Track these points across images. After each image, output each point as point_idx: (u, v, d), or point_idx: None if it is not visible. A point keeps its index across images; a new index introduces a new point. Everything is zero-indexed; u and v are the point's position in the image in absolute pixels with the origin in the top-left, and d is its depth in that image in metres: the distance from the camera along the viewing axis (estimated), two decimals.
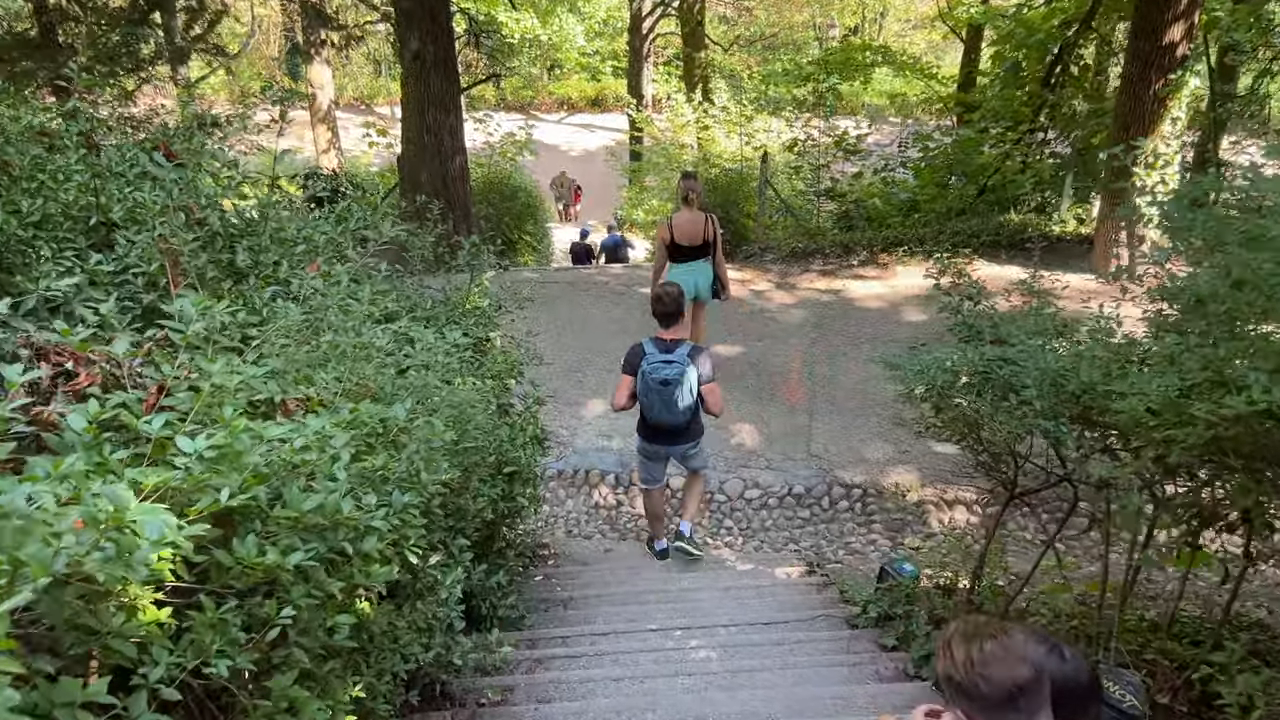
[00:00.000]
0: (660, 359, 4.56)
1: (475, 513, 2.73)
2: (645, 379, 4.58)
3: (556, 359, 6.96)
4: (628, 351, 4.74)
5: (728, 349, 7.01)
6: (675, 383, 4.54)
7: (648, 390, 4.59)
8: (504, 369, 3.68)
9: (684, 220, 6.27)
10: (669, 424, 4.70)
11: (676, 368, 4.54)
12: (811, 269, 8.64)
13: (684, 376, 4.54)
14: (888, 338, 6.96)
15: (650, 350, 4.61)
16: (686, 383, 4.56)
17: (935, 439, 3.07)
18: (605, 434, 6.06)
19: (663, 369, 4.55)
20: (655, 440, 4.86)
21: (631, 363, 4.68)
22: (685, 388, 4.56)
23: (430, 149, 8.68)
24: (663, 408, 4.63)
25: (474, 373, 3.41)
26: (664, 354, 4.56)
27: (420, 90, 8.47)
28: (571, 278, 8.77)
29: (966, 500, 5.26)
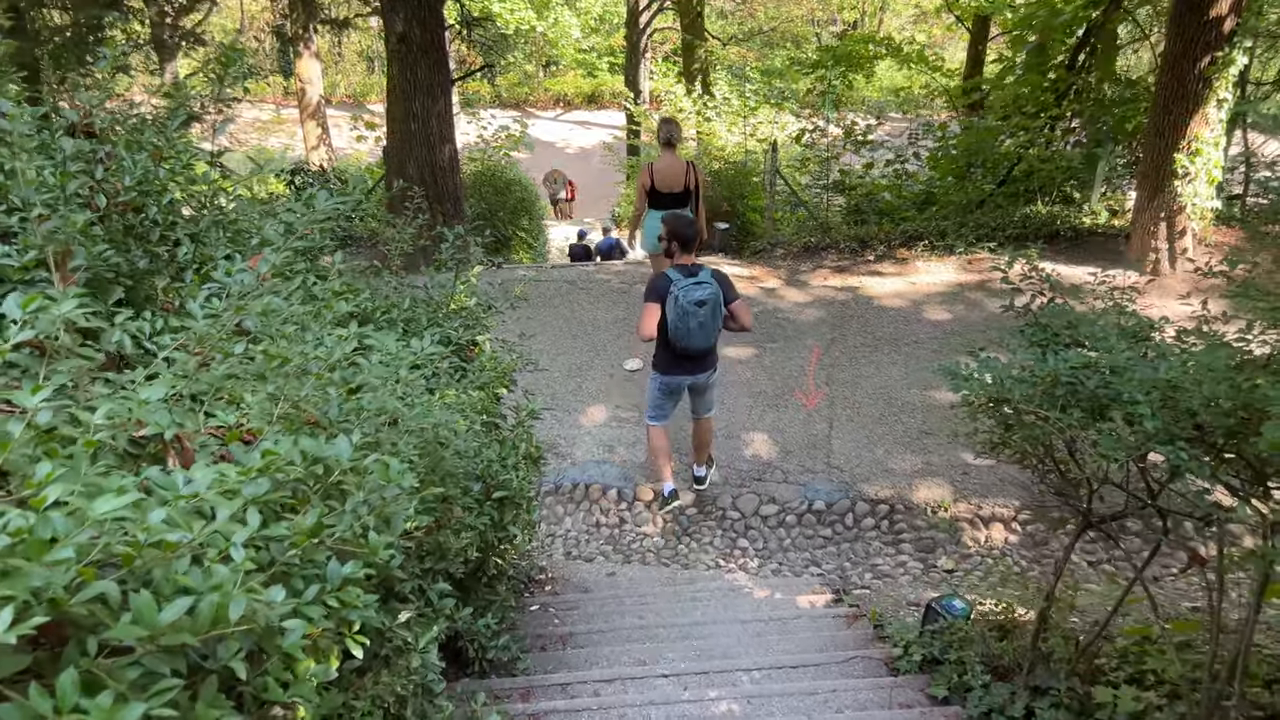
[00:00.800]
0: (690, 282, 4.67)
1: (458, 550, 2.34)
2: (679, 304, 4.67)
3: (554, 363, 6.58)
4: (651, 281, 4.86)
5: (737, 351, 6.62)
6: (711, 301, 4.69)
7: (683, 315, 4.68)
8: (493, 377, 3.29)
9: (664, 166, 6.24)
10: (700, 348, 4.82)
11: (708, 288, 4.68)
12: (824, 265, 8.25)
13: (716, 296, 4.70)
14: (910, 339, 6.57)
15: (677, 277, 4.71)
16: (718, 302, 4.72)
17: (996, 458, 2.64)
18: (607, 445, 5.68)
19: (695, 290, 4.67)
20: (679, 370, 4.95)
21: (659, 291, 4.75)
22: (718, 308, 4.73)
23: (418, 137, 8.28)
24: (699, 330, 4.73)
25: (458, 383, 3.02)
26: (691, 278, 4.69)
27: (406, 75, 8.08)
28: (570, 276, 8.38)
29: (1004, 517, 4.87)
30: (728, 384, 6.19)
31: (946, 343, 6.44)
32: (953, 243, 7.82)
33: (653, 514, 5.22)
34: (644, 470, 5.42)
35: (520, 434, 3.09)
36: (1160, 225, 6.68)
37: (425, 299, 3.50)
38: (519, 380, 6.14)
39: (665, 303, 4.73)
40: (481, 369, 3.26)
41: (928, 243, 7.95)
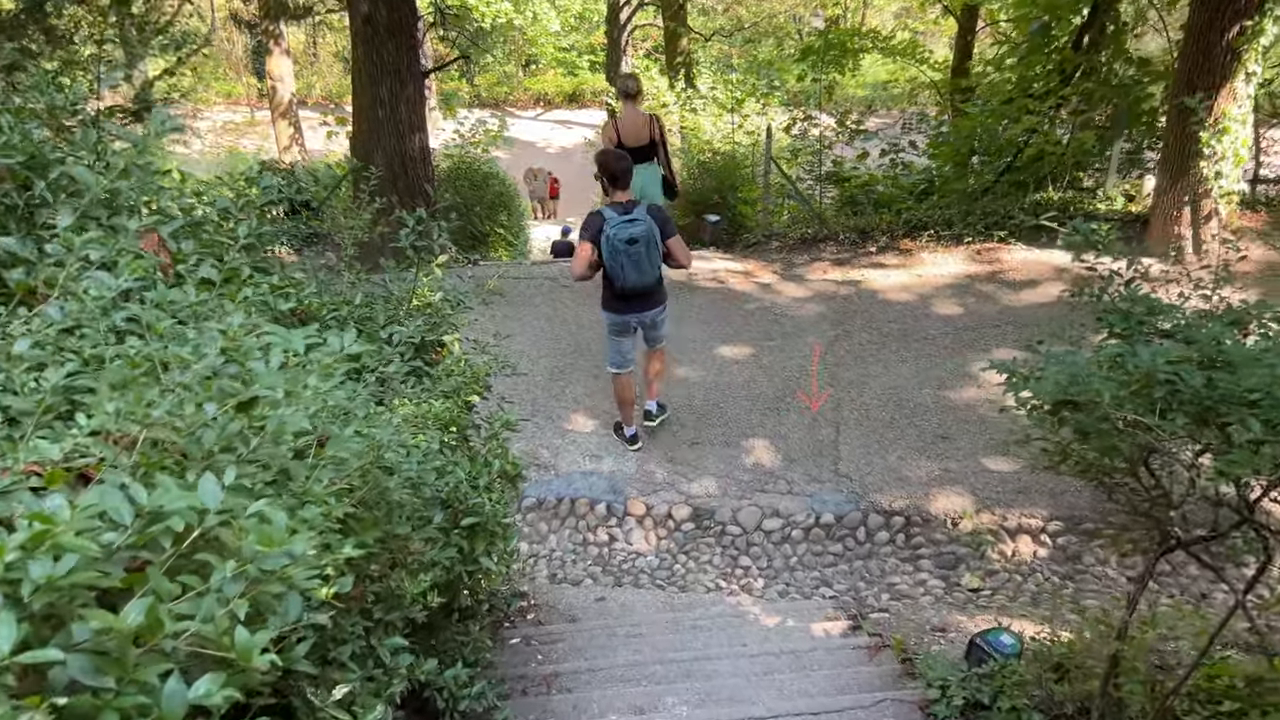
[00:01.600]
0: (622, 220, 4.71)
1: (415, 596, 1.94)
2: (611, 242, 4.72)
3: (535, 366, 6.18)
4: (585, 219, 4.99)
5: (732, 350, 6.25)
6: (643, 239, 4.73)
7: (615, 253, 4.74)
8: (463, 383, 2.89)
9: (628, 120, 6.32)
10: (639, 286, 4.87)
11: (641, 225, 4.72)
12: (823, 258, 7.89)
13: (649, 233, 4.74)
14: (920, 335, 6.21)
15: (610, 214, 4.75)
16: (652, 240, 4.77)
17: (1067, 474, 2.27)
18: (593, 454, 5.29)
19: (627, 228, 4.71)
20: (626, 310, 5.02)
21: (591, 229, 4.83)
22: (652, 245, 4.77)
23: (385, 126, 7.87)
24: (633, 269, 4.79)
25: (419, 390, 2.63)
26: (624, 215, 4.73)
27: (372, 58, 7.66)
28: (553, 272, 7.98)
29: (1032, 528, 4.52)
30: (723, 387, 5.83)
31: (959, 339, 6.09)
32: (960, 232, 7.48)
33: (644, 531, 4.84)
34: (636, 481, 5.04)
35: (494, 449, 2.70)
36: (1184, 210, 6.36)
37: (384, 295, 3.10)
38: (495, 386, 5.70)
39: (600, 242, 4.78)
40: (449, 374, 2.86)
41: (933, 233, 7.61)
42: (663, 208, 5.15)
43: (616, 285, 4.93)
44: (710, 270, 7.83)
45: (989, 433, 5.12)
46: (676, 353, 6.27)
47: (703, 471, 5.08)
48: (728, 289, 7.32)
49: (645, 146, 6.30)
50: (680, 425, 5.47)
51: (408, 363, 2.86)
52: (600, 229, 4.82)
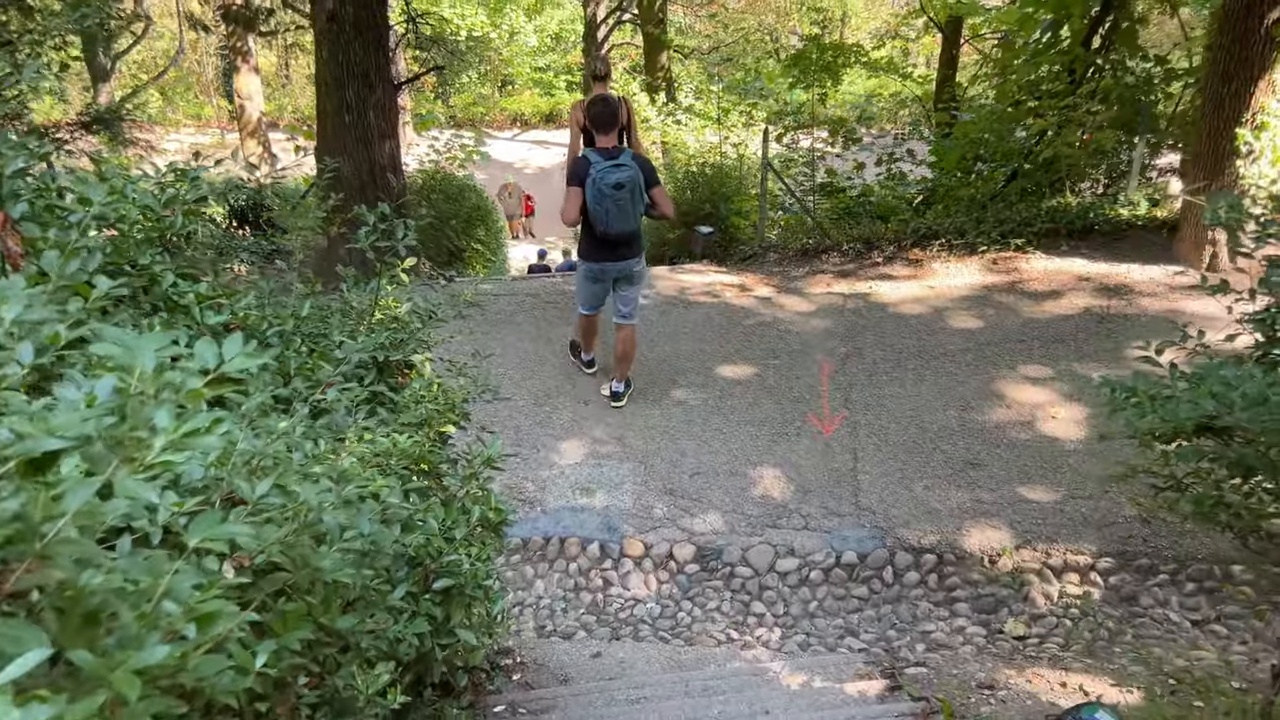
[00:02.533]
0: (608, 165, 4.90)
1: (370, 697, 1.51)
2: (597, 186, 4.89)
3: (518, 390, 5.77)
4: (571, 164, 5.23)
5: (734, 370, 5.86)
6: (629, 185, 4.90)
7: (600, 197, 4.91)
8: (434, 411, 2.47)
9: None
10: (622, 232, 5.06)
11: (627, 171, 4.89)
12: (825, 270, 7.53)
13: (635, 179, 4.92)
14: (938, 351, 5.84)
15: (596, 159, 4.94)
16: (638, 186, 4.95)
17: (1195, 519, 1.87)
18: (584, 487, 4.86)
19: (613, 173, 4.88)
20: (604, 258, 5.21)
21: (578, 174, 5.00)
22: (637, 191, 4.96)
23: (352, 132, 7.46)
24: (617, 214, 4.96)
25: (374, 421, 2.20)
26: (610, 160, 4.92)
27: (338, 59, 7.26)
28: (535, 288, 7.57)
29: (1079, 565, 4.12)
30: (725, 410, 5.42)
31: (981, 354, 5.72)
32: (974, 241, 7.14)
33: (644, 574, 4.40)
34: (632, 517, 4.61)
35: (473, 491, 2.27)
36: None
37: (340, 307, 2.68)
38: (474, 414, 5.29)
39: (585, 186, 4.95)
40: (418, 401, 2.44)
41: (944, 242, 7.27)
42: (646, 158, 5.35)
43: (598, 230, 5.08)
44: (704, 284, 7.45)
45: (1023, 458, 4.74)
46: (672, 373, 5.87)
47: (707, 505, 4.66)
48: (724, 304, 6.94)
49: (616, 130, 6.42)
50: (680, 453, 5.06)
51: (367, 388, 2.44)
52: (587, 173, 4.96)
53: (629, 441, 5.21)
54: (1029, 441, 4.87)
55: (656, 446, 5.14)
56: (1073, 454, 4.74)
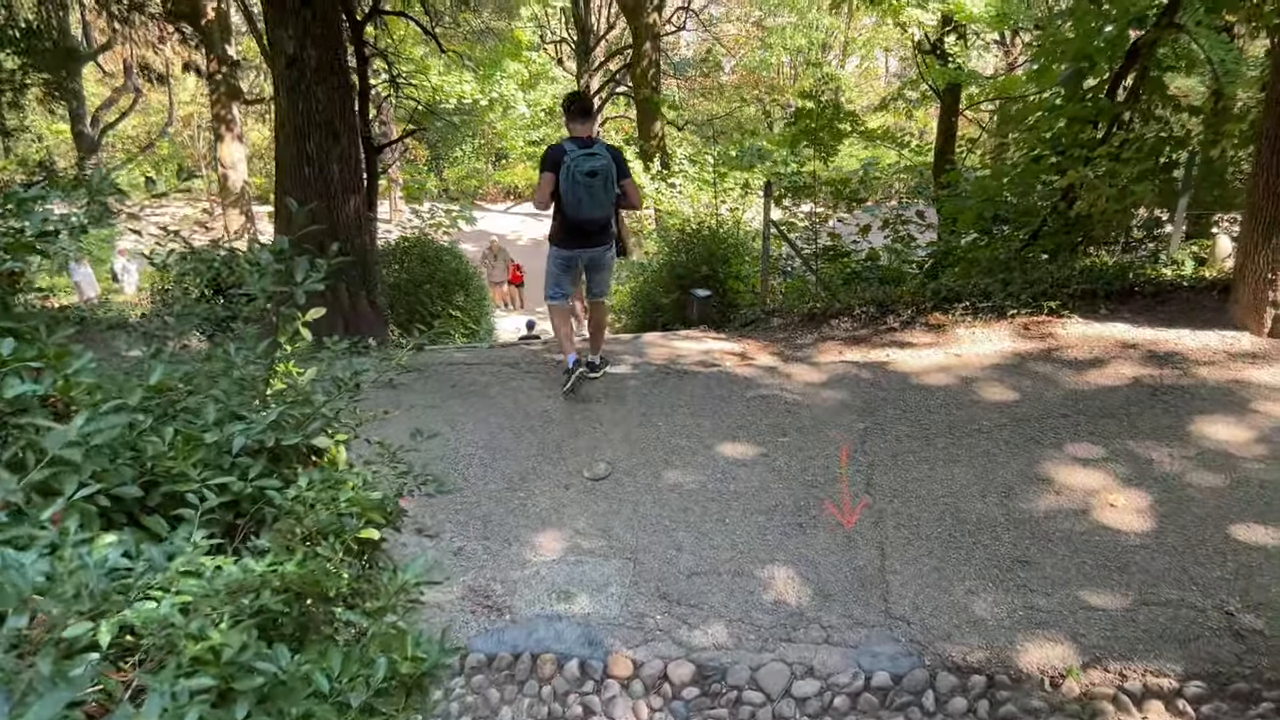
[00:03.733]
0: (582, 153, 5.25)
1: None
2: (570, 173, 5.22)
3: (488, 472, 5.18)
4: (545, 151, 5.42)
5: (736, 449, 5.29)
6: (602, 173, 5.26)
7: (574, 185, 5.25)
8: (348, 514, 1.89)
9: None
10: (593, 219, 5.43)
11: (600, 160, 5.26)
12: (834, 336, 7.02)
13: (608, 169, 5.29)
14: (970, 427, 5.28)
15: (570, 147, 5.29)
16: (610, 175, 5.30)
17: None
18: (563, 590, 4.23)
19: (588, 161, 5.23)
20: (575, 244, 5.59)
21: (553, 160, 5.30)
22: (609, 181, 5.31)
23: (313, 185, 7.01)
24: (590, 201, 5.31)
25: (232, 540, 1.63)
26: (584, 149, 5.28)
27: (298, 107, 6.86)
28: (512, 357, 7.03)
29: (1163, 689, 3.49)
30: (728, 497, 4.83)
31: (1021, 431, 5.16)
32: (1001, 303, 6.65)
33: (632, 700, 3.75)
34: (619, 628, 3.97)
35: (382, 637, 1.68)
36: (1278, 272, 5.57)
37: (223, 370, 2.12)
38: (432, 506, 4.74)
39: (559, 173, 5.26)
40: (321, 502, 1.85)
41: (968, 305, 6.78)
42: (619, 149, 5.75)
43: (569, 217, 5.43)
44: (701, 351, 6.92)
45: (1081, 554, 4.15)
46: (666, 452, 5.30)
47: (708, 613, 4.04)
48: (724, 373, 6.40)
49: None
50: (675, 548, 4.45)
51: (251, 482, 1.86)
52: (560, 160, 5.27)
53: (616, 534, 4.60)
54: (1086, 535, 4.28)
55: (648, 540, 4.53)
56: (1140, 549, 4.15)
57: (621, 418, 5.77)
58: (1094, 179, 6.68)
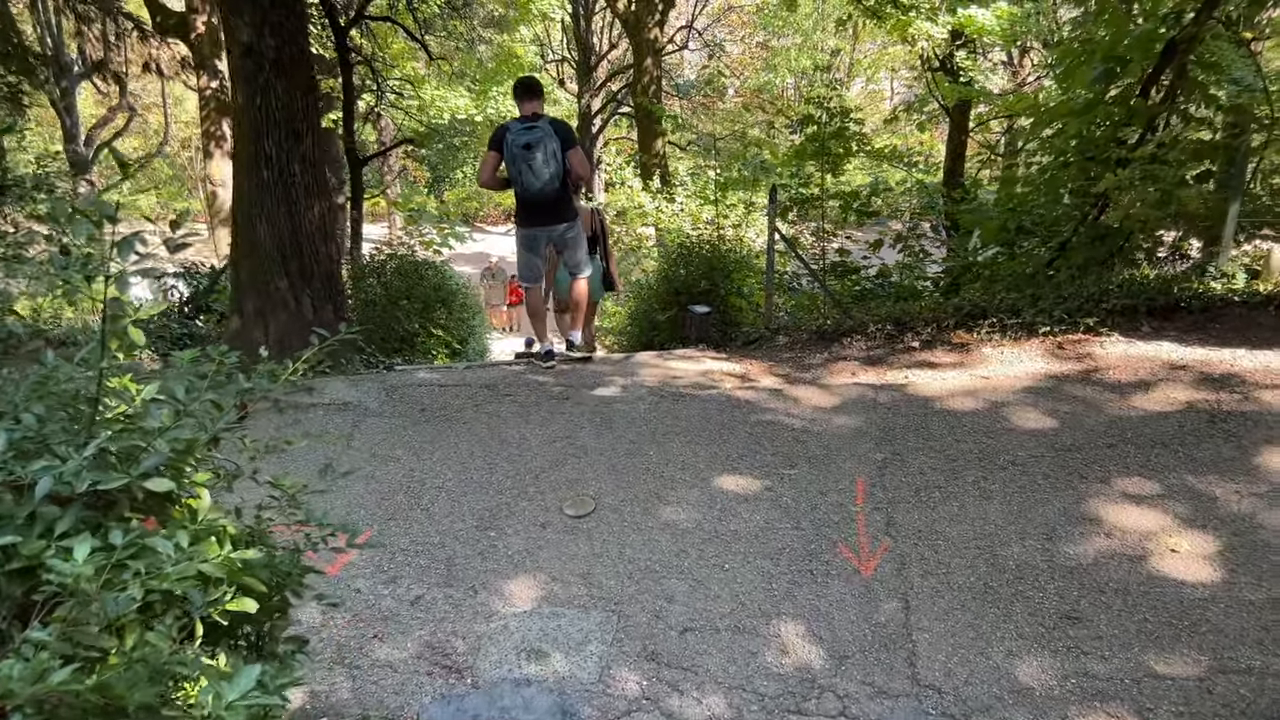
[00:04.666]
0: (522, 128, 5.61)
1: None
2: (510, 149, 5.60)
3: (455, 508, 4.69)
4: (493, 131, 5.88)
5: (737, 482, 4.79)
6: (536, 145, 5.52)
7: (514, 159, 5.60)
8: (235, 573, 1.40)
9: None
10: (540, 192, 5.66)
11: (537, 133, 5.56)
12: (847, 356, 6.53)
13: (544, 141, 5.54)
14: (1004, 458, 4.78)
15: (513, 125, 5.67)
16: (549, 147, 5.55)
17: None
18: (534, 648, 3.72)
19: (524, 135, 5.56)
20: (532, 223, 5.91)
21: (496, 139, 5.74)
22: (548, 151, 5.55)
23: (271, 190, 6.54)
24: (530, 174, 5.59)
25: None
26: (525, 125, 5.63)
27: (255, 102, 6.40)
28: (490, 378, 6.54)
29: None
30: (726, 538, 4.33)
31: (1062, 463, 4.66)
32: (1032, 320, 6.17)
33: None
34: (597, 696, 3.45)
35: None
36: None
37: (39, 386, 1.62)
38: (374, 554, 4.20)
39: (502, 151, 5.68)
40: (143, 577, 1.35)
41: (994, 322, 6.29)
42: (566, 122, 6.01)
43: (518, 193, 5.77)
44: (699, 372, 6.44)
45: (1141, 610, 3.64)
46: (658, 485, 4.80)
47: (703, 678, 3.52)
48: (724, 397, 5.91)
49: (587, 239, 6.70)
50: (666, 598, 3.94)
51: (58, 542, 1.37)
52: (503, 138, 5.68)
53: (598, 580, 4.09)
54: (1145, 586, 3.77)
55: (635, 588, 4.02)
56: (1210, 604, 3.64)
57: (608, 446, 5.27)
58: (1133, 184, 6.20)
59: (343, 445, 5.49)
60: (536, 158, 5.59)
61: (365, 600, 4.05)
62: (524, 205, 5.86)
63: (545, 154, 5.61)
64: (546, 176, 5.67)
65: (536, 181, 5.67)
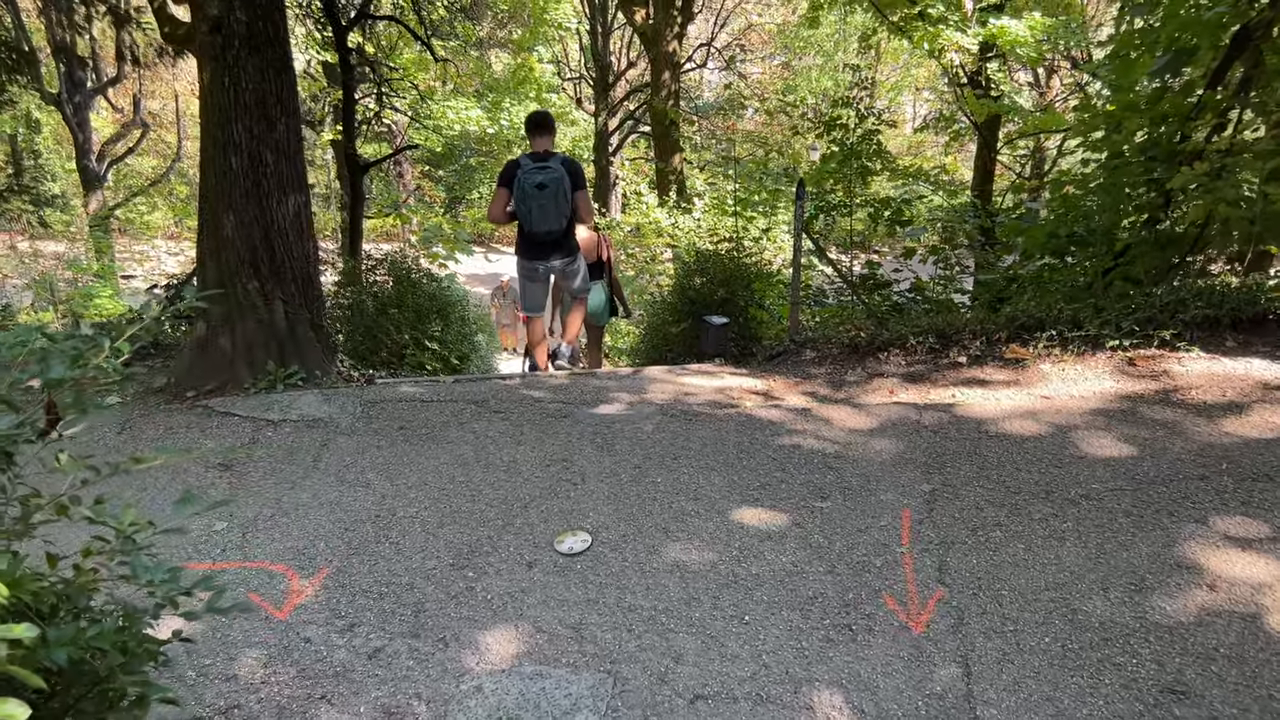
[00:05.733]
0: (534, 167, 5.86)
1: None
2: (521, 187, 5.86)
3: (431, 541, 4.14)
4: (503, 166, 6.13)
5: (760, 516, 4.20)
6: (551, 185, 5.81)
7: (524, 197, 5.87)
8: None
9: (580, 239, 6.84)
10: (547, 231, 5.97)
11: (551, 173, 5.83)
12: (885, 372, 5.95)
13: (559, 182, 5.85)
14: (1075, 491, 4.18)
15: (525, 162, 5.93)
16: (561, 188, 5.87)
17: None
18: (510, 718, 3.12)
19: (537, 174, 5.82)
20: (534, 256, 6.20)
21: (507, 175, 6.00)
22: (561, 193, 5.88)
23: (240, 180, 6.03)
24: (539, 213, 5.87)
25: None
26: (538, 163, 5.88)
27: (223, 83, 5.91)
28: (479, 393, 5.99)
29: None
30: (747, 583, 3.74)
31: (1146, 499, 4.05)
32: (1097, 333, 5.57)
33: None
34: None
35: None
36: None
37: None
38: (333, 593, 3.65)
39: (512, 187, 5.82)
40: None
41: (1053, 335, 5.69)
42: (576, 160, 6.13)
43: (524, 229, 5.94)
44: (715, 389, 5.87)
45: (1264, 682, 3.02)
46: (665, 518, 4.22)
47: None
48: (744, 416, 5.33)
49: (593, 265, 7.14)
50: (673, 658, 3.34)
51: None
52: (514, 175, 5.83)
53: (592, 633, 3.50)
54: (1265, 652, 3.15)
55: (636, 644, 3.43)
56: None
57: (609, 471, 4.70)
58: (1211, 182, 5.60)
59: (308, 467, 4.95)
60: (548, 198, 5.80)
61: (315, 652, 3.48)
62: (528, 240, 6.09)
63: (558, 196, 5.84)
64: (555, 217, 5.92)
65: (545, 222, 5.91)
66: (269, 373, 6.14)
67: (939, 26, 13.99)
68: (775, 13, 32.96)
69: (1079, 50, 20.87)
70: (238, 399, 5.95)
